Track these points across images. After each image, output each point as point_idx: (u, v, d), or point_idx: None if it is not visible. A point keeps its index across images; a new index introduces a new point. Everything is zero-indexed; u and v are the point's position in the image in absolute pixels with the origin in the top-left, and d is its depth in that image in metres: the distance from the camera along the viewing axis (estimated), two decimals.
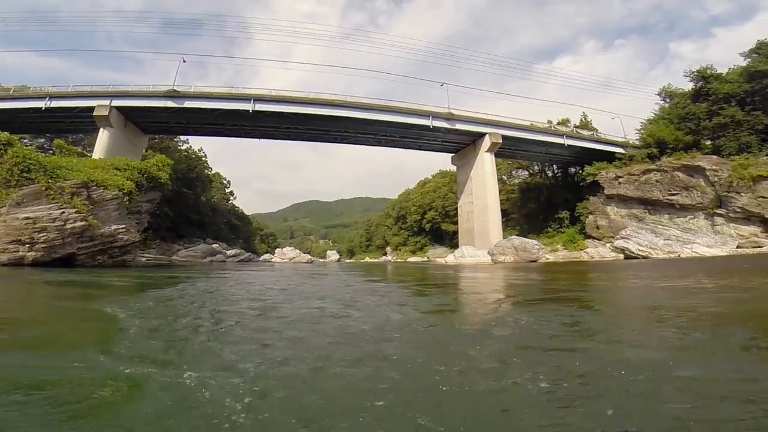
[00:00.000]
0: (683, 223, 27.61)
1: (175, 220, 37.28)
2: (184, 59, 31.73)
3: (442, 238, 59.08)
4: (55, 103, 27.96)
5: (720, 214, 26.08)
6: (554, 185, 44.52)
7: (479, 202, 34.15)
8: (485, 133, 33.52)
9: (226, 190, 61.12)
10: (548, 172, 47.03)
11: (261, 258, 40.11)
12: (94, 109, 27.39)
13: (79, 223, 13.98)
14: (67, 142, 30.85)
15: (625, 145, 35.82)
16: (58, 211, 13.63)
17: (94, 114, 27.36)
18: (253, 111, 29.89)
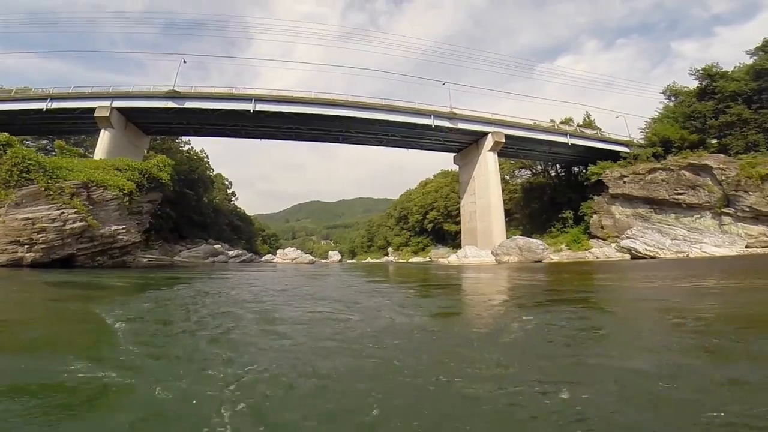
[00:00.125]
0: (690, 223, 27.27)
1: (178, 221, 37.23)
2: (185, 60, 31.68)
3: (444, 239, 58.80)
4: (56, 105, 27.94)
5: (728, 214, 25.74)
6: (557, 185, 44.20)
7: (482, 202, 33.88)
8: (488, 132, 33.25)
9: (228, 191, 61.07)
10: (551, 172, 46.70)
11: (263, 259, 39.98)
12: (95, 110, 27.39)
13: (79, 224, 13.84)
14: (69, 144, 30.90)
15: (629, 144, 35.46)
16: (58, 212, 13.49)
17: (95, 115, 27.34)
18: (254, 111, 29.76)
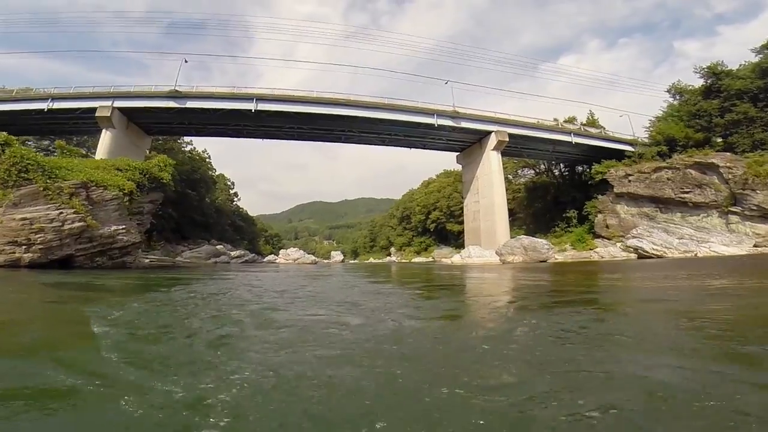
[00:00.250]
0: (696, 222, 26.93)
1: (180, 222, 37.11)
2: (186, 59, 31.52)
3: (447, 239, 58.49)
4: (58, 105, 27.82)
5: (735, 212, 25.40)
6: (561, 184, 43.88)
7: (486, 201, 33.60)
8: (491, 132, 32.97)
9: (231, 192, 60.97)
10: (555, 171, 46.41)
11: (265, 259, 39.81)
12: (96, 110, 27.25)
13: (77, 224, 13.65)
14: (72, 144, 30.82)
15: (634, 143, 35.11)
16: (56, 212, 13.30)
17: (96, 115, 27.20)
18: (256, 111, 29.57)
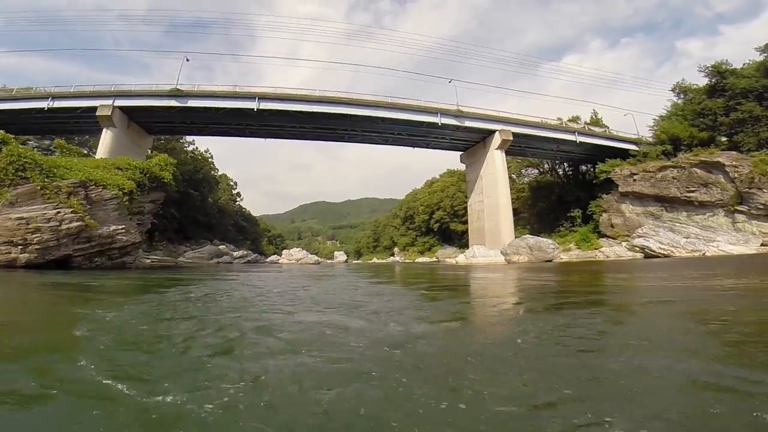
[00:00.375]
0: (702, 221, 26.56)
1: (182, 222, 37.02)
2: (188, 58, 31.40)
3: (450, 238, 58.20)
4: (58, 104, 27.66)
5: (741, 211, 25.06)
6: (565, 183, 43.58)
7: (490, 201, 33.29)
8: (495, 131, 32.70)
9: (233, 192, 60.85)
10: (559, 171, 46.06)
11: (268, 259, 39.62)
12: (97, 108, 27.09)
13: (75, 224, 13.44)
14: (74, 144, 30.71)
15: (638, 142, 34.81)
16: (53, 211, 13.09)
17: (96, 114, 27.04)
18: (258, 110, 29.35)
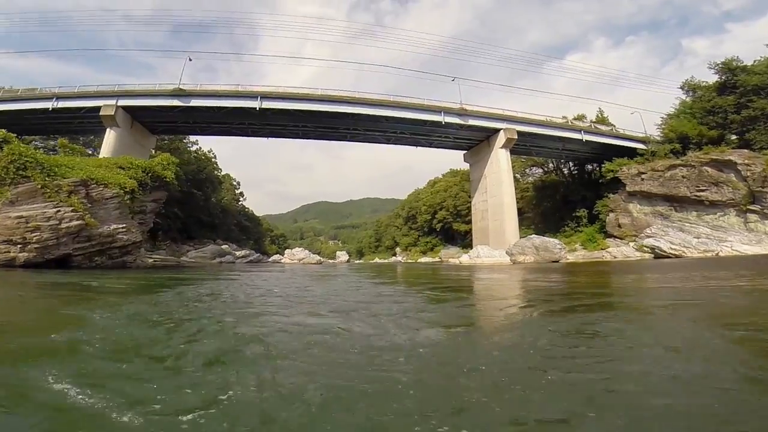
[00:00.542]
0: (713, 221, 26.04)
1: (186, 221, 36.99)
2: (191, 57, 31.40)
3: (453, 238, 57.85)
4: (62, 104, 27.71)
5: (754, 211, 24.53)
6: (571, 183, 43.02)
7: (494, 200, 32.92)
8: (500, 129, 32.31)
9: (236, 191, 60.85)
10: (564, 170, 45.51)
11: (271, 259, 39.45)
12: (101, 108, 27.09)
13: (75, 222, 13.30)
14: (78, 144, 30.77)
15: (645, 141, 34.25)
16: (53, 210, 12.96)
17: (100, 114, 27.07)
18: (260, 109, 29.23)
